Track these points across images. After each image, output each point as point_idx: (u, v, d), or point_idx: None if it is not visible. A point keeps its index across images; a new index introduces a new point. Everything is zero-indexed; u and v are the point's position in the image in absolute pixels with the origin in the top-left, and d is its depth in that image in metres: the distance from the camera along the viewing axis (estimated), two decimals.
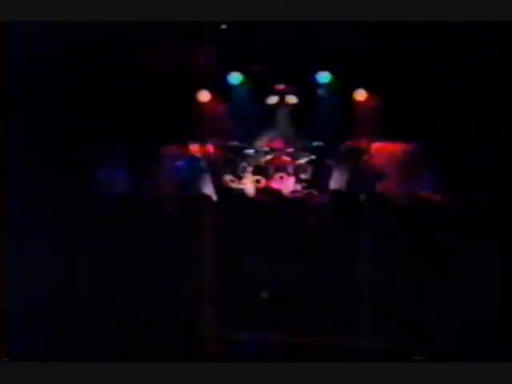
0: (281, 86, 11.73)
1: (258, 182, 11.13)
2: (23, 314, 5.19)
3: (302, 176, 11.30)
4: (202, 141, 6.14)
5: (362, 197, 9.08)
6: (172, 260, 5.48)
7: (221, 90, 11.82)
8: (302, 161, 11.45)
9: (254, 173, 11.35)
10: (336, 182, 10.89)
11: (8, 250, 5.23)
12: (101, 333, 5.24)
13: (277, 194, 9.02)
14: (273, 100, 11.85)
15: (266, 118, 11.92)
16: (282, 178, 11.33)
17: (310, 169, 11.34)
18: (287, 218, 6.36)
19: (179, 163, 11.09)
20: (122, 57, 10.62)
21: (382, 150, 11.35)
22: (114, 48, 10.20)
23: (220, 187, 6.33)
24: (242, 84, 11.99)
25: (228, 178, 11.16)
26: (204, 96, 11.05)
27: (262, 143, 11.74)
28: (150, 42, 10.22)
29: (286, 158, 11.54)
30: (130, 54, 10.79)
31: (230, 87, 12.00)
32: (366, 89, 11.05)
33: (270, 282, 5.33)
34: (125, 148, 11.54)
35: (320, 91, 11.91)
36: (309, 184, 11.13)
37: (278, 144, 11.65)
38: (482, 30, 7.61)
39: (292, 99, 11.84)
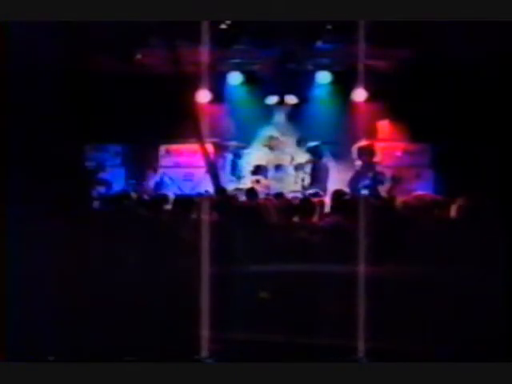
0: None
1: (257, 182, 11.11)
2: (23, 314, 5.19)
3: (301, 175, 11.30)
4: (202, 141, 6.13)
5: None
6: (171, 260, 5.48)
7: (221, 89, 11.86)
8: (302, 160, 11.45)
9: (254, 173, 11.35)
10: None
11: (8, 249, 5.23)
12: (99, 332, 5.23)
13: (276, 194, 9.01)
14: (272, 100, 11.86)
15: (265, 118, 11.93)
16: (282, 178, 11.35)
17: (308, 168, 11.34)
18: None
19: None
20: (121, 57, 10.64)
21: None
22: (113, 48, 10.21)
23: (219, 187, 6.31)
24: (242, 84, 12.02)
25: (228, 177, 11.16)
26: (203, 96, 11.03)
27: (262, 143, 11.76)
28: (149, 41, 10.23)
29: (286, 158, 11.54)
30: (130, 53, 10.82)
31: (230, 87, 12.03)
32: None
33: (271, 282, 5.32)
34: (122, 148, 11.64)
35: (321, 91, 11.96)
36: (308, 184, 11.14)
37: (277, 144, 11.67)
38: None
39: (292, 99, 11.84)
